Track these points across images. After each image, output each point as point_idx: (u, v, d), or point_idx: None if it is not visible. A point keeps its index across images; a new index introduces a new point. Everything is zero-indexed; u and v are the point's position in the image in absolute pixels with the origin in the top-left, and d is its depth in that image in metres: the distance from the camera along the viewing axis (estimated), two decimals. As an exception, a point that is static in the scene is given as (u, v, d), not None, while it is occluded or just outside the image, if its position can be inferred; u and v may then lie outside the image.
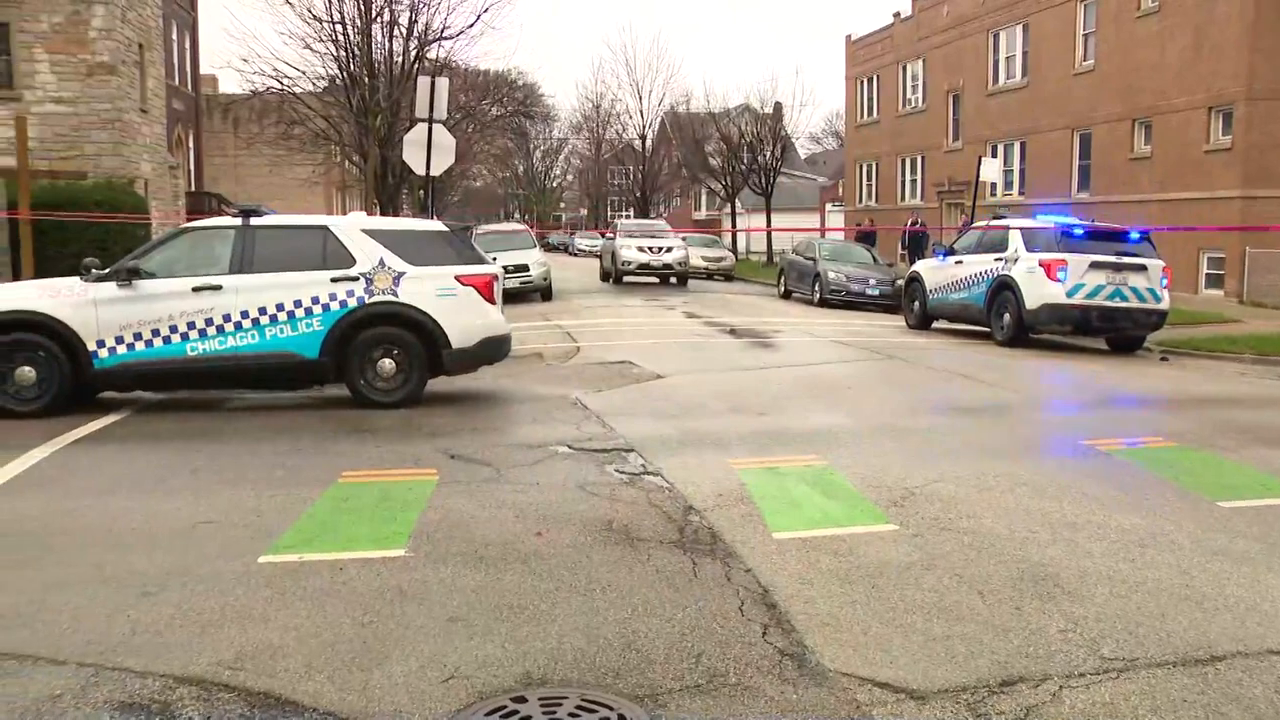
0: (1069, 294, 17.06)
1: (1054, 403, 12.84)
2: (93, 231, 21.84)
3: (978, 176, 28.76)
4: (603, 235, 50.19)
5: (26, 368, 10.60)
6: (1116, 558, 6.03)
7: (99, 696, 4.23)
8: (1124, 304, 17.20)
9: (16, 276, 17.36)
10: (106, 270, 11.07)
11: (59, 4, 28.60)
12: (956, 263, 19.85)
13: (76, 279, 11.06)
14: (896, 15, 45.93)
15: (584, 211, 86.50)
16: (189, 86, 44.19)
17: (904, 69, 45.30)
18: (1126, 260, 17.31)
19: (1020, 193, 36.13)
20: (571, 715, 4.10)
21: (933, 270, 20.95)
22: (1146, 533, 6.54)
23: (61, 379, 10.66)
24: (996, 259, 18.46)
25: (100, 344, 10.72)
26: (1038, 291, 17.34)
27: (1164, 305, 17.51)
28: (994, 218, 21.36)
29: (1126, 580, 5.64)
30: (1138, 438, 9.60)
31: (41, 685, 4.33)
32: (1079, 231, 17.70)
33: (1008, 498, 7.41)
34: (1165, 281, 17.50)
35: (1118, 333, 17.85)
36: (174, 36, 40.90)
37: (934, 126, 42.43)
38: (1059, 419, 10.87)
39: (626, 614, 5.13)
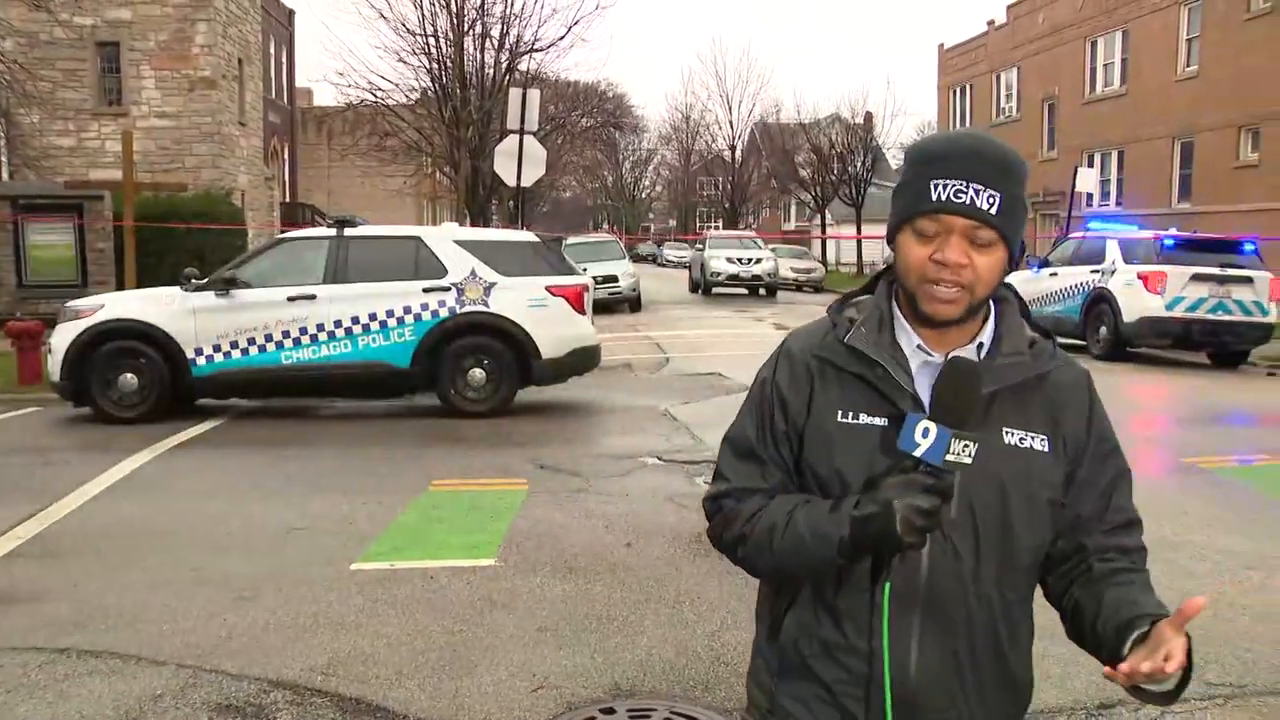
0: (1169, 307, 16.59)
1: (1153, 419, 12.50)
2: (191, 242, 22.42)
3: (1073, 187, 28.14)
4: (691, 246, 50.17)
5: (129, 375, 10.90)
6: (1221, 580, 5.82)
7: (197, 698, 4.31)
8: (1228, 317, 16.68)
9: (120, 286, 17.86)
10: (205, 280, 11.33)
11: (165, 22, 29.44)
12: (1051, 274, 19.43)
13: (177, 289, 11.32)
14: (990, 23, 45.25)
15: (672, 222, 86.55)
16: (285, 99, 45.16)
17: (998, 78, 44.61)
18: (1231, 272, 16.79)
19: (1118, 203, 35.31)
20: (660, 729, 4.07)
21: (1026, 282, 20.46)
22: (1254, 555, 6.30)
23: (162, 386, 10.93)
24: (1093, 271, 18.03)
25: (198, 352, 10.96)
26: (1136, 304, 16.88)
27: (1271, 319, 16.93)
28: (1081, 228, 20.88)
29: (1233, 604, 5.43)
30: (1248, 455, 9.30)
31: (144, 684, 4.42)
32: (1179, 243, 17.23)
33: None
34: (1271, 294, 16.95)
35: (1221, 347, 17.32)
36: (271, 51, 41.81)
37: (1029, 136, 41.64)
38: (1158, 435, 10.58)
39: (715, 626, 5.09)
